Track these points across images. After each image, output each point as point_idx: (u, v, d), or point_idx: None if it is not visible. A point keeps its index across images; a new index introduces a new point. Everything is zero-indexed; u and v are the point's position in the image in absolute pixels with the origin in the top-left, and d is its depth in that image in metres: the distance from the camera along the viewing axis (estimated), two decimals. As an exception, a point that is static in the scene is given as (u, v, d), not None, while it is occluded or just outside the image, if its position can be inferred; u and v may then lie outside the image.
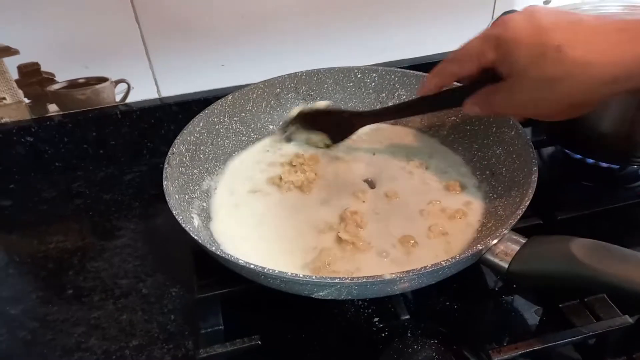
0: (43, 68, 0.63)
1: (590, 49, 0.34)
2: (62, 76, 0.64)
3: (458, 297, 0.47)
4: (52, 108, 0.66)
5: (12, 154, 0.65)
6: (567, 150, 0.60)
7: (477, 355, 0.40)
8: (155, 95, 0.69)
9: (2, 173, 0.66)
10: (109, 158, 0.69)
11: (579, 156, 0.58)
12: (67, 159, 0.68)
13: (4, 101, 0.64)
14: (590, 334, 0.39)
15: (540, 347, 0.39)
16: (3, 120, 0.65)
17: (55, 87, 0.64)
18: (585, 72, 0.35)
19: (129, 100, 0.68)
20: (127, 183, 0.67)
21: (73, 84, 0.65)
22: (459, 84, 0.48)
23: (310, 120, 0.59)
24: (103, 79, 0.66)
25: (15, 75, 0.62)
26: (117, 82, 0.66)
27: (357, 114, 0.59)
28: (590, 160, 0.57)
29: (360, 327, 0.45)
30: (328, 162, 0.57)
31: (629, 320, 0.39)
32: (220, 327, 0.44)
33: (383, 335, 0.44)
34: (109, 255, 0.56)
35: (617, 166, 0.57)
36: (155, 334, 0.47)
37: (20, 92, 0.64)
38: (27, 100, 0.64)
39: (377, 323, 0.45)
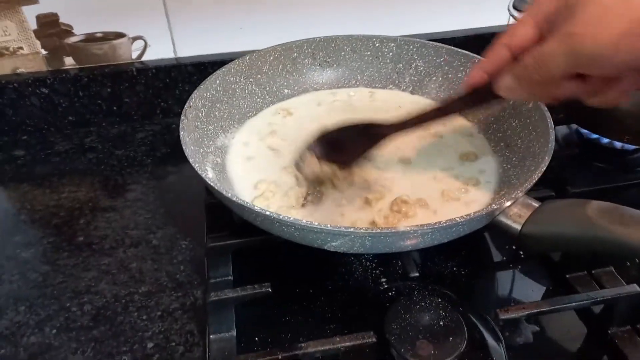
0: (62, 20, 0.63)
1: None
2: (80, 29, 0.64)
3: (465, 264, 0.48)
4: (69, 61, 0.66)
5: (26, 105, 0.66)
6: (582, 131, 0.60)
7: (482, 317, 0.41)
8: (171, 55, 0.69)
9: (16, 124, 0.67)
10: (122, 115, 0.70)
11: (595, 136, 0.58)
12: (81, 114, 0.68)
13: (21, 51, 0.64)
14: (599, 299, 0.39)
15: (547, 309, 0.39)
16: (19, 70, 0.65)
17: (73, 39, 0.64)
18: None
19: (145, 58, 0.68)
20: (139, 141, 0.67)
21: (91, 38, 0.65)
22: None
23: (326, 143, 0.49)
24: (121, 35, 0.66)
25: (33, 25, 0.62)
26: (135, 38, 0.66)
27: (380, 125, 0.48)
28: (606, 140, 0.57)
29: (368, 286, 0.46)
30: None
31: (637, 289, 0.39)
32: (230, 277, 0.45)
33: (390, 294, 0.44)
34: (120, 208, 0.56)
35: (633, 147, 0.57)
36: (164, 282, 0.48)
37: (38, 43, 0.64)
38: (44, 52, 0.64)
39: (384, 283, 0.46)
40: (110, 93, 0.68)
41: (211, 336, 0.40)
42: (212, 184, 0.40)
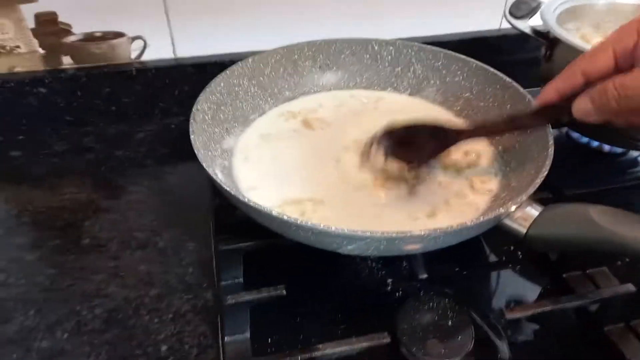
0: (60, 19, 0.62)
1: None
2: (79, 28, 0.63)
3: (465, 265, 0.50)
4: (67, 60, 0.65)
5: (23, 104, 0.65)
6: (572, 134, 0.63)
7: (487, 316, 0.42)
8: (170, 55, 0.69)
9: (12, 124, 0.66)
10: (121, 115, 0.69)
11: (585, 140, 0.61)
12: (79, 114, 0.67)
13: (18, 49, 0.63)
14: (598, 298, 0.42)
15: (550, 308, 0.41)
16: (16, 70, 0.64)
17: (71, 39, 0.64)
18: None
19: (144, 58, 0.68)
20: (139, 141, 0.67)
21: (89, 37, 0.64)
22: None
23: (395, 139, 0.49)
24: (120, 34, 0.65)
25: (31, 23, 0.61)
26: (134, 38, 0.66)
27: (451, 131, 0.48)
28: (595, 144, 0.60)
29: (376, 288, 0.47)
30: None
31: (632, 288, 0.42)
32: (240, 279, 0.45)
33: (398, 295, 0.46)
34: (123, 209, 0.56)
35: (620, 150, 0.59)
36: (173, 284, 0.48)
37: (35, 42, 0.63)
38: (41, 51, 0.64)
39: (391, 284, 0.47)
40: (109, 93, 0.67)
41: (226, 338, 0.41)
42: (227, 188, 0.40)
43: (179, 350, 0.42)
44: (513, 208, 0.40)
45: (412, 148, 0.48)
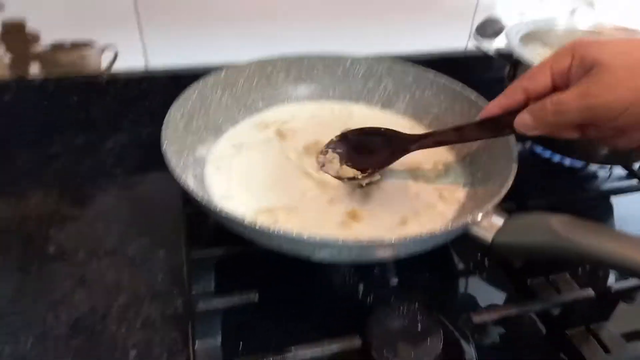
0: (29, 27, 0.61)
1: None
2: (48, 37, 0.63)
3: (434, 272, 0.51)
4: (34, 69, 0.64)
5: (-14, 112, 0.63)
6: (536, 149, 0.65)
7: (455, 321, 0.44)
8: (142, 65, 0.68)
9: (-26, 131, 0.64)
10: (89, 125, 0.68)
11: (548, 154, 0.64)
12: (45, 123, 0.66)
13: (-16, 56, 0.62)
14: (559, 302, 0.44)
15: (514, 312, 0.43)
16: (-20, 76, 0.63)
17: (40, 47, 0.63)
18: None
19: (115, 67, 0.68)
20: (107, 151, 0.66)
21: (58, 47, 0.64)
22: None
23: (350, 144, 0.52)
24: (90, 44, 0.65)
25: (-1, 30, 0.60)
26: (104, 48, 0.66)
27: (404, 137, 0.51)
28: (557, 158, 0.63)
29: (348, 294, 0.48)
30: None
31: (592, 292, 0.44)
32: (212, 286, 0.45)
33: (369, 300, 0.47)
34: (91, 218, 0.56)
35: (580, 164, 0.63)
36: (142, 292, 0.47)
37: (1, 49, 0.62)
38: (7, 59, 0.62)
39: (363, 291, 0.48)
40: (77, 102, 0.66)
41: (197, 344, 0.40)
42: (199, 197, 0.40)
43: (148, 356, 0.42)
44: (479, 217, 0.42)
45: (366, 154, 0.51)
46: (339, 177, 0.51)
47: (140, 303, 0.46)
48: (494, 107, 0.45)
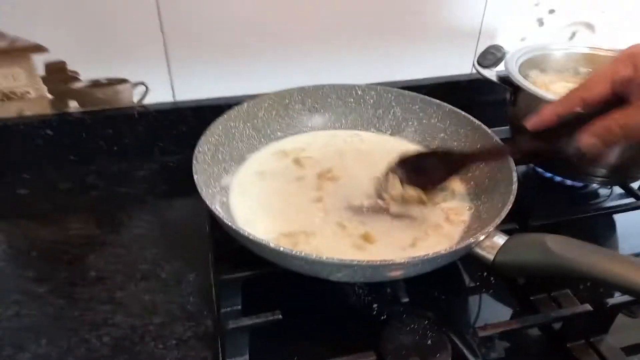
0: (69, 66, 0.67)
1: None
2: (86, 75, 0.69)
3: (443, 289, 0.54)
4: (73, 105, 0.70)
5: (30, 145, 0.69)
6: (538, 170, 0.69)
7: (463, 336, 0.47)
8: (170, 99, 0.74)
9: (18, 163, 0.70)
10: (122, 154, 0.74)
11: (549, 175, 0.67)
12: (83, 154, 0.72)
13: (28, 95, 0.68)
14: (558, 317, 0.47)
15: (517, 326, 0.46)
16: (24, 113, 0.69)
17: (78, 85, 0.69)
18: None
19: (145, 102, 0.73)
20: (140, 179, 0.72)
21: (95, 84, 0.70)
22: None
23: (408, 167, 0.55)
24: (123, 81, 0.71)
25: (42, 71, 0.66)
26: (137, 84, 0.71)
27: (458, 154, 0.56)
28: (558, 179, 0.67)
29: (363, 311, 0.52)
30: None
31: (589, 307, 0.47)
32: (239, 306, 0.49)
33: (382, 317, 0.51)
34: (127, 243, 0.61)
35: (580, 184, 0.66)
36: (176, 313, 0.52)
37: (45, 88, 0.68)
38: (50, 96, 0.69)
39: (376, 308, 0.52)
40: (112, 134, 0.72)
41: (227, 360, 0.45)
42: (229, 223, 0.45)
43: (183, 372, 0.46)
44: (482, 238, 0.46)
45: (423, 174, 0.55)
46: (402, 198, 0.55)
47: (175, 323, 0.51)
48: (549, 114, 0.44)
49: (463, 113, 0.64)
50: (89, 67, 0.68)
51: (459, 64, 0.85)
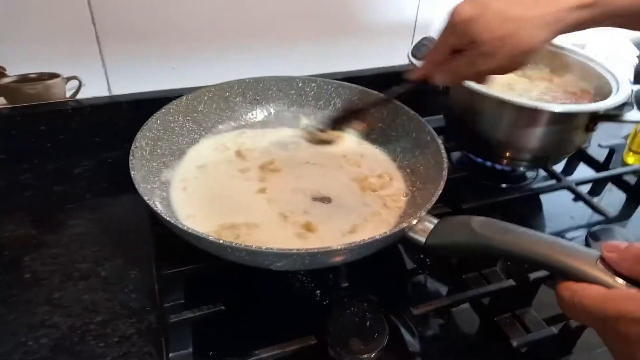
0: (-6, 62, 0.64)
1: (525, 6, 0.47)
2: (14, 70, 0.66)
3: (385, 272, 0.57)
4: (0, 101, 0.67)
5: (-46, 144, 0.66)
6: (470, 155, 0.73)
7: (400, 316, 0.50)
8: (106, 93, 0.72)
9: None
10: (57, 151, 0.71)
11: (480, 160, 0.71)
12: (14, 152, 0.69)
13: (-51, 92, 0.64)
14: (487, 292, 0.51)
15: (447, 303, 0.49)
16: (-54, 111, 0.65)
17: (5, 80, 0.66)
18: (525, 25, 0.46)
19: (79, 97, 0.71)
20: (77, 176, 0.70)
21: (24, 79, 0.67)
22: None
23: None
24: (55, 75, 0.68)
25: (-36, 67, 0.63)
26: (69, 78, 0.69)
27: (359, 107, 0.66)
28: (488, 163, 0.71)
29: (306, 297, 0.53)
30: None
31: (513, 282, 0.51)
32: (182, 300, 0.50)
33: (325, 303, 0.53)
34: (65, 243, 0.59)
35: (509, 168, 0.70)
36: (118, 310, 0.52)
37: (-32, 84, 0.65)
38: (-26, 92, 0.65)
39: (319, 294, 0.54)
40: (45, 131, 0.70)
41: (170, 354, 0.45)
42: (168, 218, 0.45)
43: (126, 369, 0.46)
44: (414, 222, 0.48)
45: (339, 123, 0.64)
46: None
47: (117, 321, 0.50)
48: (419, 74, 0.56)
49: (399, 104, 0.66)
50: (16, 61, 0.65)
51: (397, 56, 0.88)
